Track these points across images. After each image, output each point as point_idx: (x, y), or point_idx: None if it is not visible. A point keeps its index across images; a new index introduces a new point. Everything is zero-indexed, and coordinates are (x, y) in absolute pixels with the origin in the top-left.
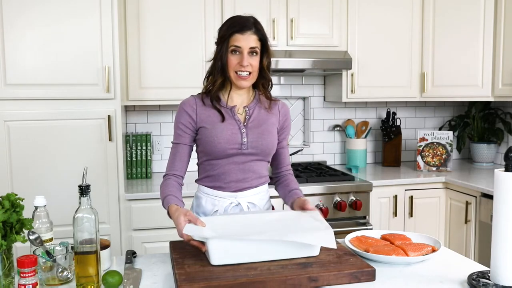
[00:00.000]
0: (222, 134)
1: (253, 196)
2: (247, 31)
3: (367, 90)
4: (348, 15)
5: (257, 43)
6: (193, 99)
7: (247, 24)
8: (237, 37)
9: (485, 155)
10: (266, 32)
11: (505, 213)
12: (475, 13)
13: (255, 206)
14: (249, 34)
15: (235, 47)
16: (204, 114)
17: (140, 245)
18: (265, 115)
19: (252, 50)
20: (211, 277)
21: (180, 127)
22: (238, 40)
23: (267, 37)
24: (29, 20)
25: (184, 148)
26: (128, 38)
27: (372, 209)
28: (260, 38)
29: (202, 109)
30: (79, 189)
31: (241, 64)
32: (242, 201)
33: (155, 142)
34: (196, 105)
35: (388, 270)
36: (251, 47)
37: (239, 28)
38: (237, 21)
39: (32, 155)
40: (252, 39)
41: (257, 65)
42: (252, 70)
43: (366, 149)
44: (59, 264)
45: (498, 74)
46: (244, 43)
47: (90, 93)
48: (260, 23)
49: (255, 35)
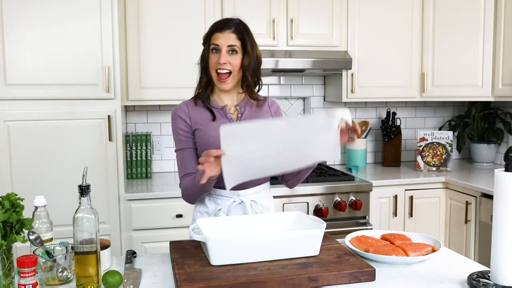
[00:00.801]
0: (216, 132)
1: (255, 194)
2: (226, 29)
3: (367, 90)
4: (348, 15)
5: (236, 42)
6: (184, 104)
7: (228, 23)
8: (216, 35)
9: (485, 155)
10: (266, 32)
11: (505, 213)
12: (475, 13)
13: (257, 204)
14: (228, 33)
15: (214, 45)
16: (196, 115)
17: (140, 245)
18: (256, 113)
19: (230, 48)
20: (211, 277)
21: (179, 133)
22: (217, 39)
23: (251, 38)
24: (29, 20)
25: (190, 151)
26: (128, 38)
27: (372, 209)
28: (240, 38)
29: (194, 111)
30: (79, 189)
31: (218, 61)
32: (244, 199)
33: (155, 142)
34: (188, 109)
35: (388, 270)
36: (229, 45)
37: (218, 27)
38: (220, 21)
39: (32, 155)
40: (230, 37)
41: (238, 64)
42: (231, 69)
43: (366, 149)
44: (59, 264)
45: (498, 74)
46: (222, 41)
47: (90, 93)
48: (245, 25)
49: (234, 33)
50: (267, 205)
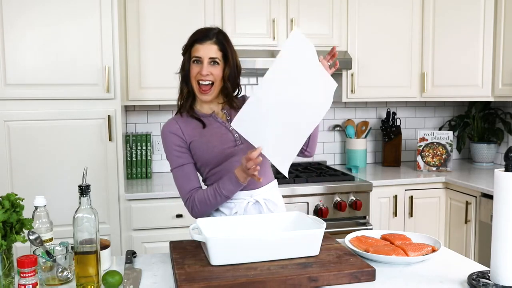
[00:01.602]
0: (213, 138)
1: (267, 192)
2: (207, 41)
3: (367, 90)
4: (348, 15)
5: (217, 54)
6: (173, 120)
7: (208, 34)
8: (197, 47)
9: (485, 155)
10: (266, 32)
11: (505, 213)
12: (475, 13)
13: (269, 201)
14: (209, 44)
15: (195, 57)
16: (188, 128)
17: (140, 245)
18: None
19: (212, 60)
20: (211, 277)
21: (175, 149)
22: (197, 50)
23: (231, 48)
24: (29, 20)
25: (191, 166)
26: (128, 38)
27: (372, 209)
28: (221, 48)
29: (184, 124)
30: (79, 189)
31: (200, 73)
32: (259, 198)
33: (155, 142)
34: (178, 124)
35: (388, 270)
36: (211, 57)
37: (199, 38)
38: (200, 31)
39: (32, 155)
40: (212, 49)
41: (220, 74)
42: (214, 80)
43: (366, 149)
44: (59, 264)
45: (498, 74)
46: (203, 52)
47: (90, 93)
48: (225, 34)
49: (215, 45)
50: (278, 202)
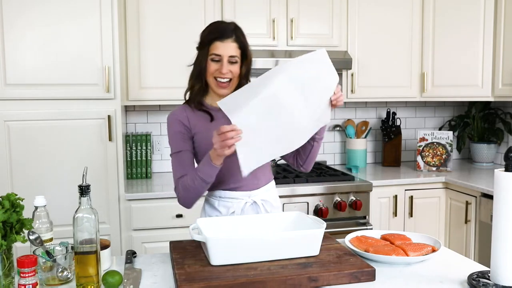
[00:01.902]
0: None
1: (265, 193)
2: (227, 39)
3: (367, 90)
4: (348, 15)
5: (237, 52)
6: (181, 108)
7: (227, 32)
8: (216, 44)
9: (485, 155)
10: (266, 32)
11: (505, 213)
12: (475, 13)
13: (267, 202)
14: (229, 42)
15: (215, 55)
16: (195, 119)
17: (140, 245)
18: None
19: (231, 60)
20: (211, 277)
21: (177, 135)
22: (217, 48)
23: (247, 44)
24: (29, 20)
25: (188, 154)
26: (128, 38)
27: (372, 209)
28: (240, 46)
29: (191, 115)
30: (79, 189)
31: (220, 71)
32: (256, 199)
33: (155, 142)
34: (186, 112)
35: (388, 270)
36: (231, 55)
37: (219, 36)
38: (217, 27)
39: (32, 155)
40: (232, 47)
41: (238, 71)
42: (232, 77)
43: (366, 149)
44: (59, 264)
45: (498, 74)
46: (223, 51)
47: (90, 93)
48: (241, 30)
49: (235, 42)
50: (276, 203)
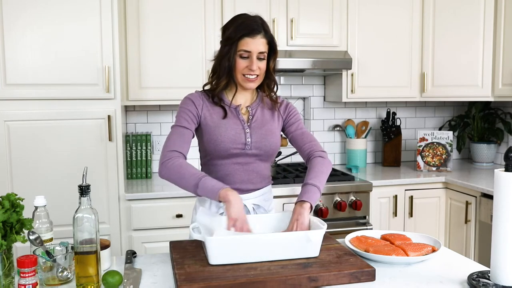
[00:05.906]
0: (226, 133)
1: (258, 197)
2: (257, 34)
3: (367, 90)
4: (348, 15)
5: (265, 47)
6: (200, 93)
7: (256, 27)
8: (246, 41)
9: (485, 155)
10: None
11: (505, 213)
12: (475, 13)
13: (259, 208)
14: (259, 38)
15: (244, 51)
16: (208, 110)
17: (140, 245)
18: (267, 115)
19: (260, 56)
20: (211, 277)
21: (186, 113)
22: (247, 45)
23: (274, 38)
24: (29, 20)
25: (188, 133)
26: (128, 38)
27: (372, 209)
28: (269, 41)
29: (207, 104)
30: (79, 189)
31: (250, 68)
32: (247, 203)
33: (155, 142)
34: (202, 99)
35: (388, 270)
36: (260, 51)
37: (248, 32)
38: (245, 22)
39: (32, 155)
40: (261, 43)
41: (265, 67)
42: (260, 73)
43: (366, 149)
44: (59, 264)
45: (498, 74)
46: (253, 47)
47: (90, 93)
48: (266, 22)
49: (264, 38)
50: (268, 208)
